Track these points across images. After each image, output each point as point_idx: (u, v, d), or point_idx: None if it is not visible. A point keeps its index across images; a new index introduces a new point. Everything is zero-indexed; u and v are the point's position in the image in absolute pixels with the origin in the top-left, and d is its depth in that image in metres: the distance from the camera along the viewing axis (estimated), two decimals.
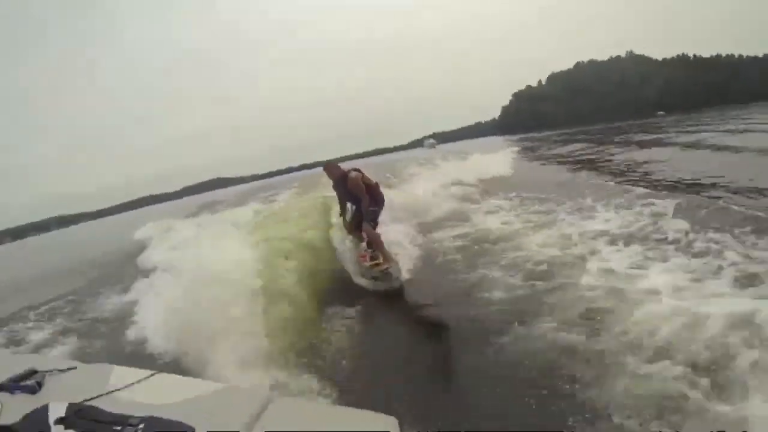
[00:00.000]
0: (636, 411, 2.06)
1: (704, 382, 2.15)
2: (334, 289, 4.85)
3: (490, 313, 3.59)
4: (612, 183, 8.83)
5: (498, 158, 16.24)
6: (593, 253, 4.52)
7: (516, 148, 24.35)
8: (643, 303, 3.13)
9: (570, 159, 16.54)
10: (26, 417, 0.89)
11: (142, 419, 0.86)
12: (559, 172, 13.08)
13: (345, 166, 5.53)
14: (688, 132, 20.81)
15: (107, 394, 1.07)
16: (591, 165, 13.01)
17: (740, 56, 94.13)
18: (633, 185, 8.08)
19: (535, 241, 5.36)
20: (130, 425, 0.84)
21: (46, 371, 1.21)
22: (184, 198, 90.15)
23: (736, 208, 5.45)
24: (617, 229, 5.20)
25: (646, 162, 11.68)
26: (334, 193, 5.68)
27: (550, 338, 2.93)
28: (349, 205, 5.41)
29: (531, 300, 3.67)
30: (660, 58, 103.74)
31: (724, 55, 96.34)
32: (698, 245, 4.23)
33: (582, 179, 10.12)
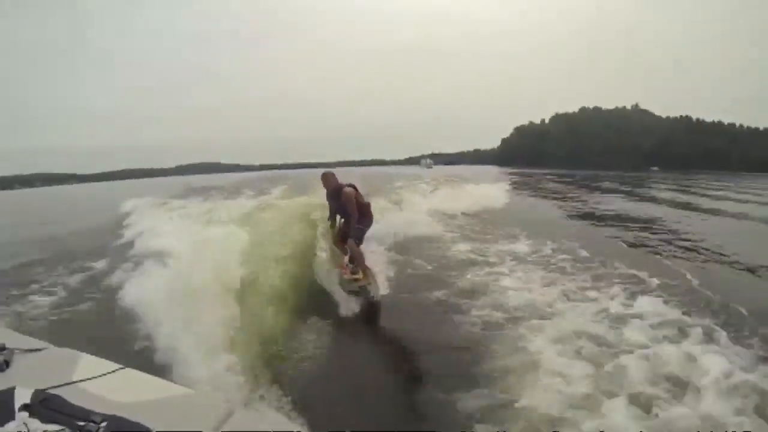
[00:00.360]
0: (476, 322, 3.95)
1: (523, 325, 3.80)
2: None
3: (408, 281, 5.34)
4: (557, 220, 10.35)
5: (483, 186, 17.37)
6: (494, 263, 5.93)
7: (507, 180, 25.90)
8: (504, 291, 4.73)
9: (541, 195, 18.21)
10: None
11: (105, 417, 0.86)
12: (524, 205, 14.64)
13: (337, 172, 5.83)
14: (663, 189, 22.60)
15: (72, 383, 1.07)
16: (555, 204, 14.56)
17: (740, 126, 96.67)
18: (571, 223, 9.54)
19: (461, 248, 6.81)
20: (93, 422, 0.84)
21: (15, 349, 1.22)
22: (173, 177, 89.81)
23: (625, 246, 6.81)
24: (524, 254, 6.49)
25: (598, 206, 13.41)
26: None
27: (443, 299, 4.66)
28: (338, 217, 5.45)
29: (437, 277, 5.37)
30: (664, 116, 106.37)
31: (726, 123, 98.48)
32: (571, 268, 5.61)
33: (534, 214, 11.63)
